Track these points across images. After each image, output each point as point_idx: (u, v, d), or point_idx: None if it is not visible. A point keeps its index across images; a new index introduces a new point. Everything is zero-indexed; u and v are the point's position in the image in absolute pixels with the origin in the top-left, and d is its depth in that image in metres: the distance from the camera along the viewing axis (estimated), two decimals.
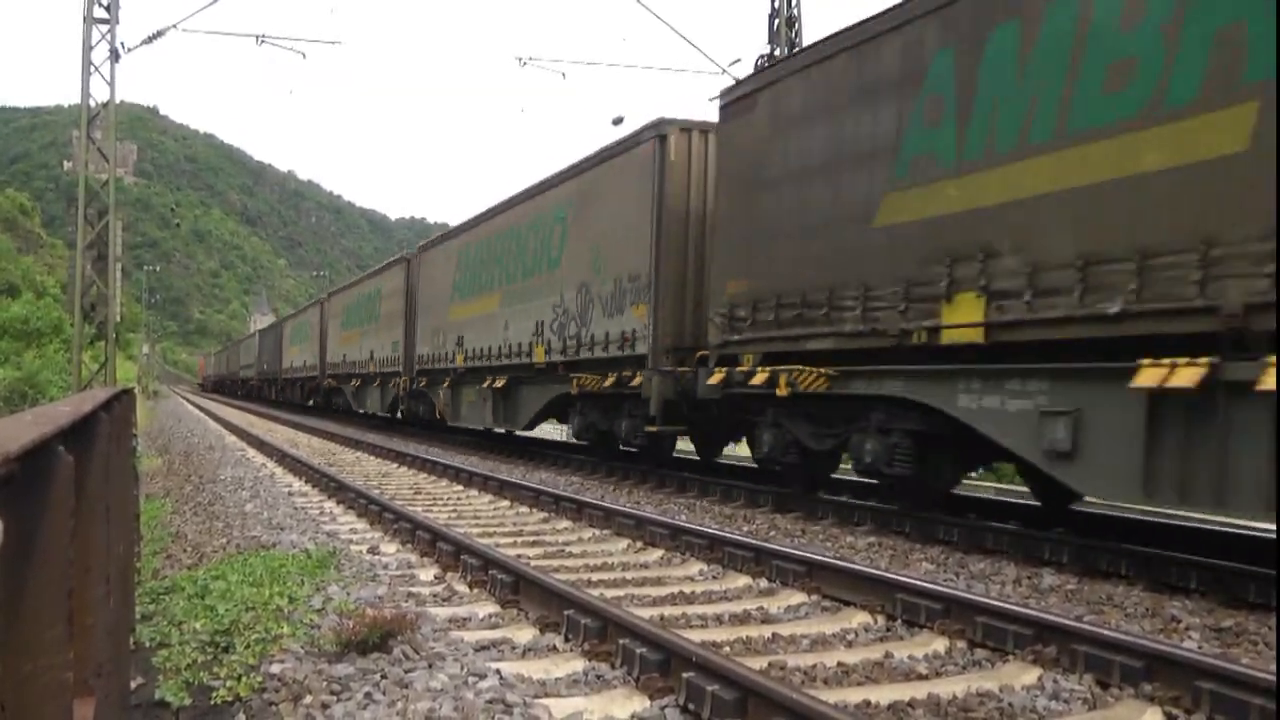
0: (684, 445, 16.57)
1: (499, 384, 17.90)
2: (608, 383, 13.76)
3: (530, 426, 18.29)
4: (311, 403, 38.69)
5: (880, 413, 9.17)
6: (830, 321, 9.43)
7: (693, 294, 12.80)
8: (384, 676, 4.41)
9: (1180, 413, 6.16)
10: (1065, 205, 7.07)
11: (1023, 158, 7.39)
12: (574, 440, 18.28)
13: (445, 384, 21.27)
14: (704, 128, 12.92)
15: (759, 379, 10.35)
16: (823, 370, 9.57)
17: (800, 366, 9.84)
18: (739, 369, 10.86)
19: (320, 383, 35.92)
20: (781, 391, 10.01)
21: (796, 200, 10.07)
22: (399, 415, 26.29)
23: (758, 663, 4.63)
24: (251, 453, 18.58)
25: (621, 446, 14.96)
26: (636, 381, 12.96)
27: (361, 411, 30.84)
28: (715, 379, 11.19)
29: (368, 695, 4.15)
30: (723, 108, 11.67)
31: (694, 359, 12.32)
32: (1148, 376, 6.23)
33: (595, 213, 14.82)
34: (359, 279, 33.11)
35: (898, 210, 8.63)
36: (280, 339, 46.73)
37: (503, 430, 20.15)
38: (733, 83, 12.35)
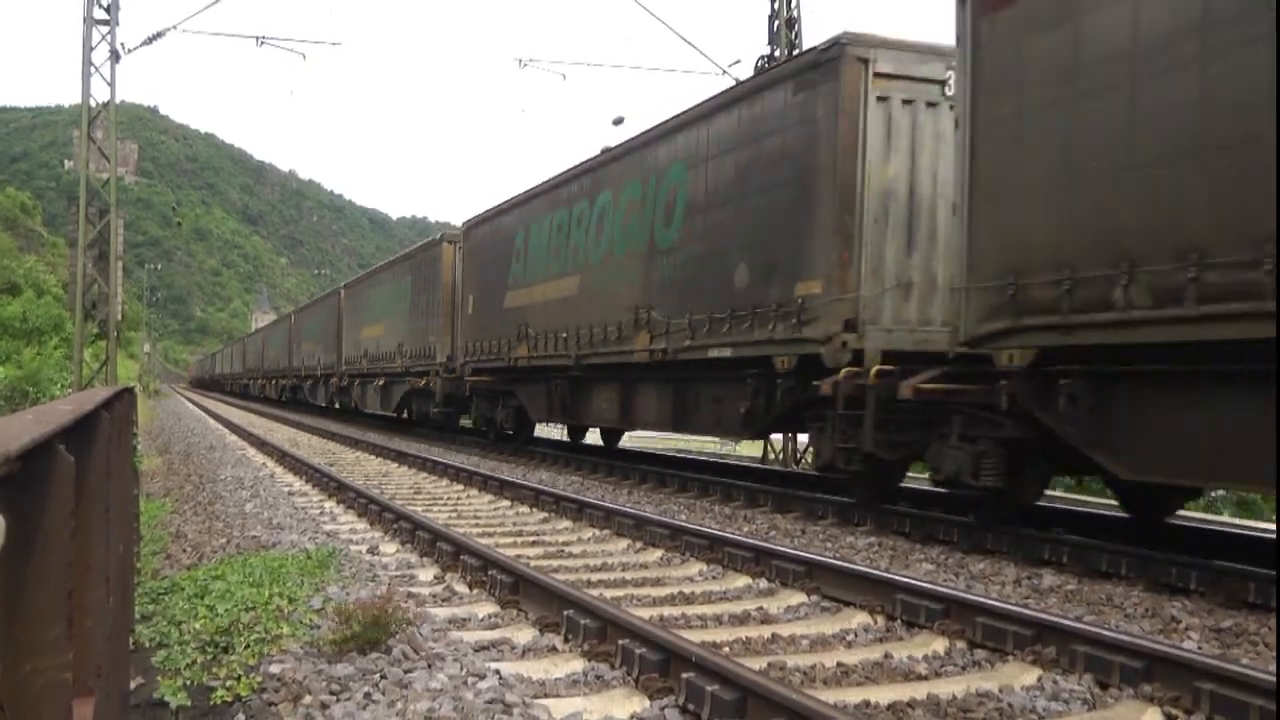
0: None
1: None
2: None
3: None
4: (403, 415, 25.81)
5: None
6: None
7: None
8: (383, 677, 4.41)
9: None
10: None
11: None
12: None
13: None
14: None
15: None
16: None
17: None
18: None
19: (456, 386, 20.90)
20: None
21: None
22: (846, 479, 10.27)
23: (757, 663, 4.64)
24: (252, 452, 18.59)
25: None
26: None
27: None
28: None
29: (367, 695, 4.16)
30: None
31: None
32: None
33: None
34: (591, 164, 15.32)
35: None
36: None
37: None
38: None
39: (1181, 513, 10.05)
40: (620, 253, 14.08)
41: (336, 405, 34.00)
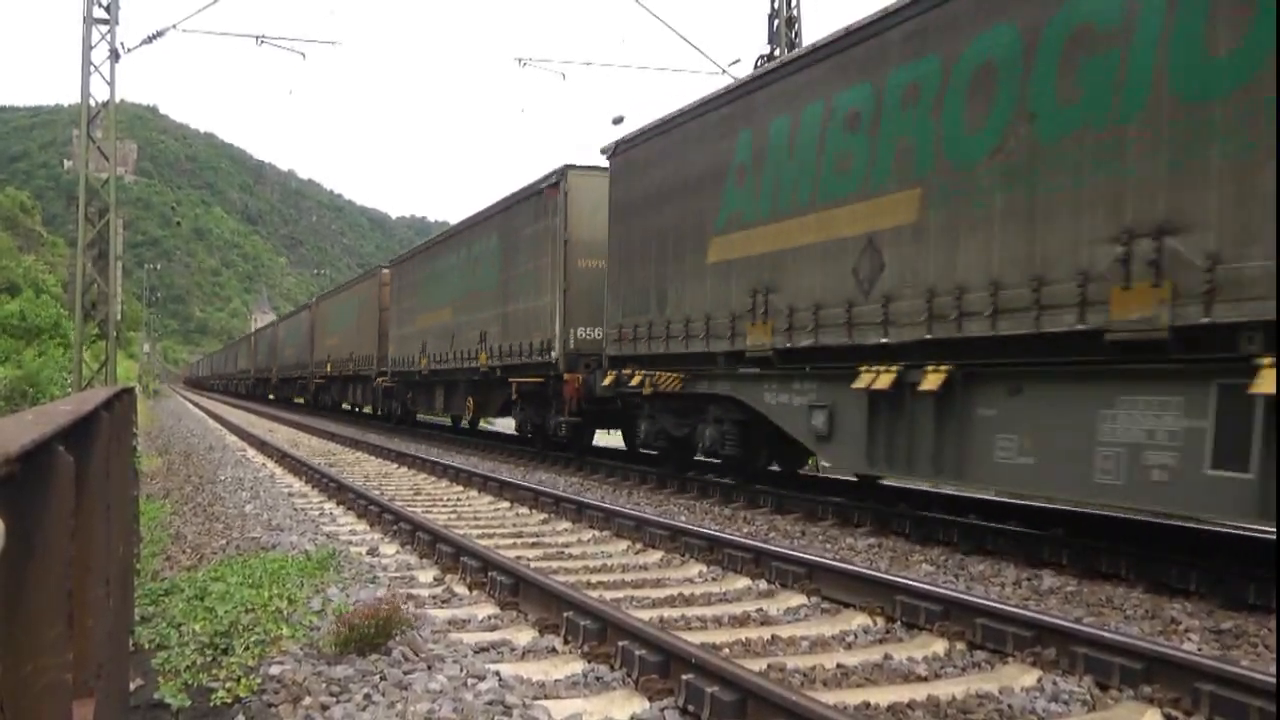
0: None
1: None
2: None
3: None
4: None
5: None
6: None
7: None
8: (383, 678, 4.41)
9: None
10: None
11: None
12: None
13: None
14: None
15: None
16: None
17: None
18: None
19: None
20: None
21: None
22: None
23: (757, 664, 4.63)
24: (251, 453, 18.58)
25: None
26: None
27: None
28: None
29: (367, 696, 4.16)
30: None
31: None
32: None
33: None
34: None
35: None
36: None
37: None
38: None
39: (1181, 513, 10.04)
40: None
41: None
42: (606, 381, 13.79)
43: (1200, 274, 5.87)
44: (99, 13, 19.40)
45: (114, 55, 19.59)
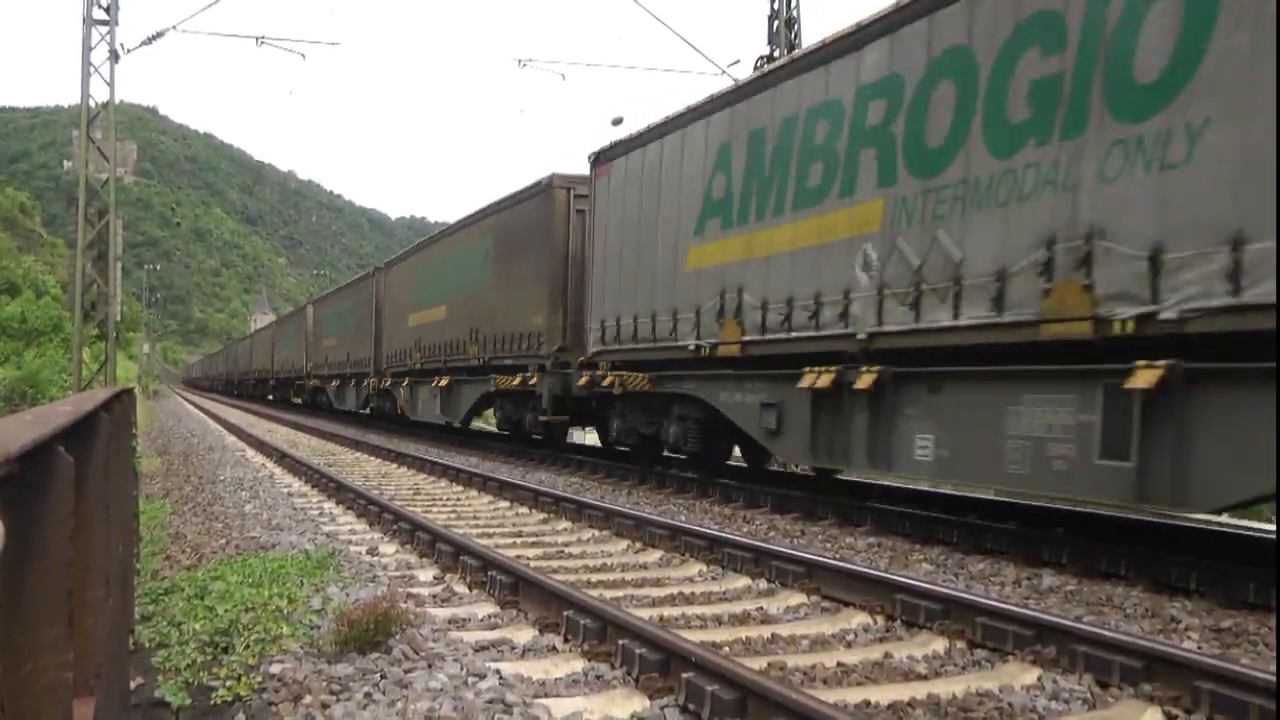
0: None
1: None
2: None
3: None
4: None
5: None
6: None
7: None
8: (384, 676, 4.41)
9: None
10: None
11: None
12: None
13: None
14: None
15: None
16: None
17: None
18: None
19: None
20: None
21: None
22: None
23: (757, 663, 4.63)
24: (251, 453, 18.58)
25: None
26: None
27: None
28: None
29: (367, 695, 4.16)
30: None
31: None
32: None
33: None
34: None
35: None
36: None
37: None
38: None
39: (1181, 513, 10.05)
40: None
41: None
42: None
43: None
44: (99, 13, 19.39)
45: (114, 56, 19.58)
